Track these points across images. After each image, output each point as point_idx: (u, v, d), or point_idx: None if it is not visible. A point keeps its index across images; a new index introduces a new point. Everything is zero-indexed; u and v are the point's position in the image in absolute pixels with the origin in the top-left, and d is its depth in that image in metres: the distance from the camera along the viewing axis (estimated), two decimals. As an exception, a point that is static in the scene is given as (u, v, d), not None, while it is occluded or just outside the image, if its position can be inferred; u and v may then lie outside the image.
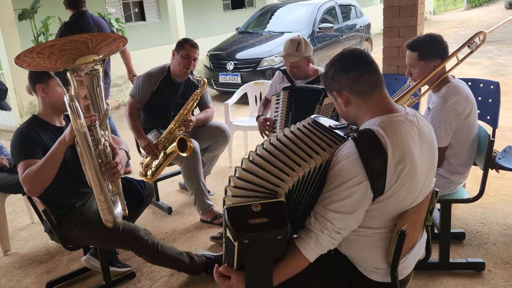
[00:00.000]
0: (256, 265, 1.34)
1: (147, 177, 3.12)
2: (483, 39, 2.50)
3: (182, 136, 3.01)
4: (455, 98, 2.22)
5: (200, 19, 11.62)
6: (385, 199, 1.40)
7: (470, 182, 3.32)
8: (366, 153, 1.33)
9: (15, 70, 6.11)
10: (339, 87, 1.48)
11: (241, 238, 1.23)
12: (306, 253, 1.40)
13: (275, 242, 1.27)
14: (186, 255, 2.43)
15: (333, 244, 1.41)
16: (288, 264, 1.41)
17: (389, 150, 1.34)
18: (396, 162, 1.35)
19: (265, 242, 1.26)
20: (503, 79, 6.89)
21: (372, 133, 1.37)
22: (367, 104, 1.47)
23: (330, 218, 1.36)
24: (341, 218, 1.36)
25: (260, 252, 1.29)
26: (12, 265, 2.87)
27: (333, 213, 1.36)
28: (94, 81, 1.83)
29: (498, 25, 11.66)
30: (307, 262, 1.41)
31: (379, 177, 1.34)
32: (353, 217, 1.37)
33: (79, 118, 1.71)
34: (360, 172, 1.32)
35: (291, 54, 2.86)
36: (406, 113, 1.47)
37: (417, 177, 1.43)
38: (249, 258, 1.31)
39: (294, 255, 1.41)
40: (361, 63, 1.46)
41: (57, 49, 1.77)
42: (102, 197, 1.90)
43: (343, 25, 8.30)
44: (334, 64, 1.50)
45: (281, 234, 1.24)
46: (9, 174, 2.91)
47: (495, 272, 2.40)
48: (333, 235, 1.38)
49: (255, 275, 1.36)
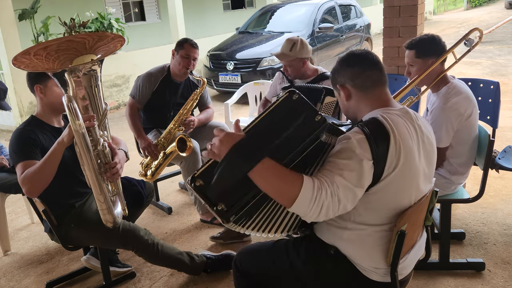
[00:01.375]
0: (268, 129, 1.41)
1: (147, 177, 3.12)
2: (480, 37, 2.51)
3: (181, 136, 3.01)
4: (456, 99, 2.23)
5: (200, 19, 11.63)
6: (381, 187, 1.41)
7: (470, 182, 3.32)
8: (373, 135, 1.38)
9: (15, 70, 6.11)
10: (343, 80, 1.56)
11: (294, 94, 1.41)
12: (305, 184, 1.31)
13: (311, 118, 1.41)
14: (186, 255, 2.43)
15: (327, 208, 1.32)
16: (283, 177, 1.33)
17: (392, 137, 1.39)
18: (397, 149, 1.40)
19: (307, 110, 1.42)
20: (503, 79, 6.89)
21: (377, 120, 1.43)
22: (368, 98, 1.53)
23: (338, 182, 1.34)
24: (346, 186, 1.34)
25: (289, 117, 1.41)
26: (12, 265, 2.87)
27: (342, 179, 1.34)
28: (92, 82, 1.83)
29: (498, 25, 11.64)
30: (296, 191, 1.31)
31: (380, 160, 1.38)
32: (354, 191, 1.35)
33: (77, 119, 1.70)
34: (367, 151, 1.36)
35: (284, 54, 2.87)
36: (405, 109, 1.52)
37: (415, 171, 1.45)
38: (279, 114, 1.42)
39: (295, 176, 1.34)
40: (366, 60, 1.54)
41: (54, 50, 1.76)
42: (102, 197, 1.90)
43: (343, 25, 8.30)
44: (342, 60, 1.59)
45: (317, 116, 1.42)
46: (9, 174, 2.91)
47: (495, 272, 2.40)
48: (334, 199, 1.33)
49: (260, 139, 1.40)
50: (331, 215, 1.36)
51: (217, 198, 1.35)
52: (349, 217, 1.49)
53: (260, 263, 1.69)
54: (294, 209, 1.34)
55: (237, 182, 1.35)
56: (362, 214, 1.46)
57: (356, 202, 1.40)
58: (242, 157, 1.34)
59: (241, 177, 1.34)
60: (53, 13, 7.08)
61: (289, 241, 1.68)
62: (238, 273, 1.74)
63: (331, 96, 2.56)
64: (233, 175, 1.34)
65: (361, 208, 1.45)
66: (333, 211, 1.35)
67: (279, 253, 1.66)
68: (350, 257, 1.53)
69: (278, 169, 1.35)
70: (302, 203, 1.32)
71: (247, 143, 1.36)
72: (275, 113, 1.43)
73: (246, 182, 1.34)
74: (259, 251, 1.72)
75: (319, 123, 1.42)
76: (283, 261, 1.63)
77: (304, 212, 1.34)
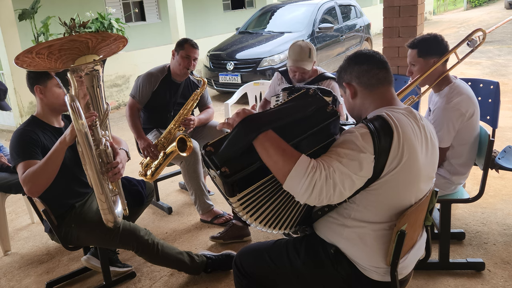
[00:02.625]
0: (281, 113, 1.48)
1: (147, 177, 3.12)
2: (483, 38, 2.50)
3: (181, 136, 3.01)
4: (458, 99, 2.22)
5: (200, 19, 11.63)
6: (382, 184, 1.41)
7: (470, 182, 3.32)
8: (377, 131, 1.39)
9: (15, 70, 6.12)
10: (349, 78, 1.58)
11: (328, 104, 1.48)
12: (300, 160, 1.35)
13: (323, 109, 1.48)
14: (187, 255, 2.43)
15: (321, 190, 1.33)
16: (281, 150, 1.37)
17: (395, 134, 1.40)
18: (399, 146, 1.40)
19: (320, 102, 1.50)
20: (503, 79, 6.90)
21: (381, 116, 1.44)
22: (372, 95, 1.54)
23: (335, 166, 1.35)
24: (343, 171, 1.35)
25: (300, 106, 1.49)
26: (12, 265, 2.87)
27: (340, 164, 1.35)
28: (94, 82, 1.83)
29: (498, 25, 11.66)
30: (290, 166, 1.34)
31: (382, 155, 1.38)
32: (352, 178, 1.36)
33: (80, 118, 1.71)
34: (370, 145, 1.37)
35: (305, 62, 2.86)
36: (409, 109, 1.53)
37: (417, 169, 1.45)
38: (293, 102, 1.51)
39: (293, 152, 1.38)
40: (373, 59, 1.56)
41: (56, 49, 1.76)
42: (103, 197, 1.90)
43: (343, 25, 8.30)
44: (350, 58, 1.61)
45: (329, 107, 1.48)
46: (9, 174, 2.91)
47: (495, 272, 2.40)
48: (329, 181, 1.34)
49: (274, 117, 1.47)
50: (325, 198, 1.35)
51: (223, 162, 1.42)
52: (348, 214, 1.50)
53: (260, 263, 1.69)
54: (287, 185, 1.37)
55: (243, 151, 1.42)
56: (362, 211, 1.47)
57: (353, 190, 1.40)
58: (250, 126, 1.42)
59: (246, 145, 1.41)
60: (53, 13, 7.08)
61: (289, 241, 1.68)
62: (238, 273, 1.75)
63: (326, 97, 2.57)
64: (240, 141, 1.42)
65: (361, 205, 1.46)
66: (327, 195, 1.35)
67: (279, 252, 1.66)
68: (350, 256, 1.53)
69: (278, 142, 1.40)
70: (294, 178, 1.34)
71: (259, 117, 1.46)
72: (291, 102, 1.53)
73: (251, 154, 1.42)
74: (259, 250, 1.72)
75: (330, 113, 1.47)
76: (283, 261, 1.64)
77: (296, 190, 1.36)
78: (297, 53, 2.87)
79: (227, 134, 1.47)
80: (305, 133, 1.43)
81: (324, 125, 1.45)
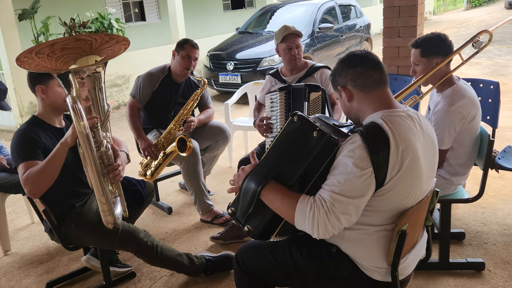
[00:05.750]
0: (282, 153, 1.52)
1: (147, 176, 3.12)
2: (489, 39, 2.48)
3: (181, 136, 3.01)
4: (460, 102, 2.20)
5: (200, 19, 11.63)
6: (386, 191, 1.41)
7: (470, 182, 3.32)
8: (372, 142, 1.37)
9: (15, 70, 6.11)
10: (344, 81, 1.55)
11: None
12: (298, 205, 1.40)
13: (310, 135, 1.46)
14: (186, 256, 2.43)
15: (325, 225, 1.35)
16: (280, 199, 1.45)
17: (392, 141, 1.38)
18: (398, 153, 1.38)
19: (305, 130, 1.47)
20: (503, 79, 6.90)
21: (376, 124, 1.41)
22: (369, 98, 1.52)
23: (333, 199, 1.36)
24: (342, 201, 1.35)
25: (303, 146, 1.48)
26: (12, 265, 2.87)
27: (336, 195, 1.35)
28: (96, 83, 1.83)
29: (498, 25, 11.66)
30: (292, 212, 1.42)
31: (382, 166, 1.37)
32: (354, 203, 1.36)
33: (82, 120, 1.70)
34: (366, 159, 1.35)
35: (295, 33, 2.93)
36: (407, 110, 1.51)
37: (419, 172, 1.45)
38: (289, 138, 1.52)
39: (292, 197, 1.43)
40: (367, 60, 1.53)
41: (59, 48, 1.75)
42: (104, 198, 1.90)
43: (343, 25, 8.30)
44: (342, 60, 1.59)
45: (314, 131, 1.45)
46: (9, 174, 2.91)
47: (495, 272, 2.40)
48: (330, 216, 1.35)
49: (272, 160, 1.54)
50: (335, 229, 1.38)
51: (245, 221, 1.58)
52: None
53: (262, 260, 1.69)
54: (298, 227, 1.43)
55: (256, 206, 1.53)
56: (365, 216, 1.45)
57: (360, 211, 1.40)
58: (252, 183, 1.53)
59: (255, 200, 1.52)
60: (53, 13, 7.07)
61: (292, 239, 1.68)
62: (239, 269, 1.74)
63: (315, 92, 2.61)
64: (248, 198, 1.54)
65: (364, 211, 1.44)
66: (333, 227, 1.37)
67: (281, 250, 1.66)
68: (351, 256, 1.53)
69: (279, 191, 1.46)
70: (299, 222, 1.41)
71: (257, 172, 1.54)
72: (282, 137, 1.55)
73: (264, 206, 1.52)
74: (261, 248, 1.72)
75: (318, 138, 1.44)
76: (285, 259, 1.64)
77: (305, 230, 1.41)
78: (283, 30, 2.95)
79: (239, 194, 1.60)
80: (304, 164, 1.46)
81: (318, 150, 1.44)
